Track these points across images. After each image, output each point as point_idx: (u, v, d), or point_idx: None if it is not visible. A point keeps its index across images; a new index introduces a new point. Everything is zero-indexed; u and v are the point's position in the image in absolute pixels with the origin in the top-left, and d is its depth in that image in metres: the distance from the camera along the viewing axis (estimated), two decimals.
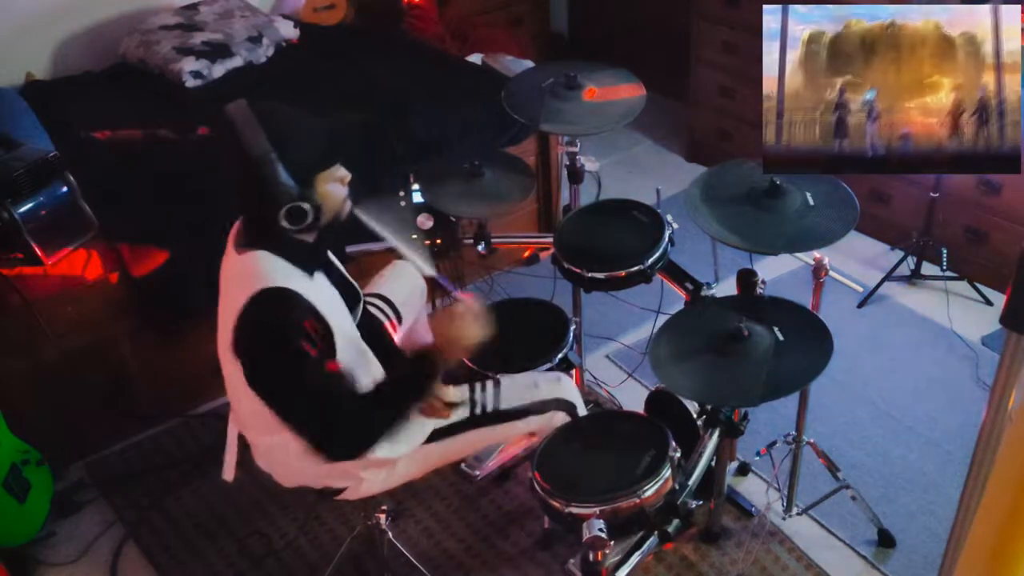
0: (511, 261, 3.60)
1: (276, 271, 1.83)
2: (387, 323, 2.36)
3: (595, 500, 1.94)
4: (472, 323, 1.91)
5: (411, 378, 1.93)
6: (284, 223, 1.82)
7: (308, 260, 1.92)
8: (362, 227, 2.02)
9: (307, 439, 1.86)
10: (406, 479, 2.17)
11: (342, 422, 1.83)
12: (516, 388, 2.19)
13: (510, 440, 2.44)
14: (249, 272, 1.83)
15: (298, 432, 1.86)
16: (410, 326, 2.47)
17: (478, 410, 2.15)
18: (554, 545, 2.57)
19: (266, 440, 2.01)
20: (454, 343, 1.91)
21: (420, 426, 2.10)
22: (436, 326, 1.94)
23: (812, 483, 2.61)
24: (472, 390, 2.17)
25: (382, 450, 1.96)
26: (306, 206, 1.82)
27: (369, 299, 2.36)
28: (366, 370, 2.00)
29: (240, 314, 1.80)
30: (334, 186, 1.89)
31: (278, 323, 1.80)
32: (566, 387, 2.24)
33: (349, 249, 2.61)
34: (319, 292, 1.91)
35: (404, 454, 2.08)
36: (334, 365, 1.85)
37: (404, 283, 2.46)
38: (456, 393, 2.13)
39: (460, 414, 2.14)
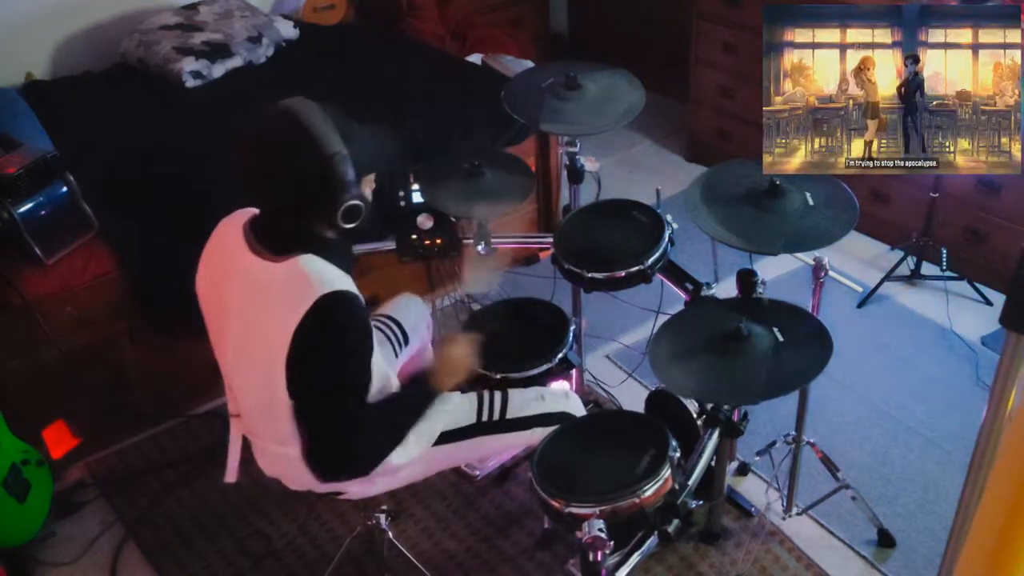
0: (511, 261, 3.60)
1: (334, 276, 1.82)
2: (392, 343, 2.38)
3: (595, 500, 1.94)
4: (471, 353, 1.99)
5: (413, 399, 1.96)
6: (340, 222, 1.81)
7: (349, 264, 1.92)
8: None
9: (315, 449, 1.87)
10: (409, 481, 2.18)
11: (351, 443, 1.85)
12: (523, 400, 2.21)
13: (513, 449, 2.45)
14: (302, 278, 1.79)
15: (311, 439, 1.87)
16: (413, 356, 2.48)
17: (484, 417, 2.16)
18: (554, 545, 2.58)
19: (280, 450, 1.98)
20: (454, 369, 1.96)
21: (430, 427, 2.10)
22: (441, 350, 1.98)
23: (812, 483, 2.61)
24: (480, 397, 2.19)
25: (396, 456, 1.98)
26: (361, 204, 1.82)
27: (379, 318, 2.39)
28: (384, 385, 2.00)
29: (305, 319, 1.75)
30: (367, 188, 1.90)
31: (352, 327, 1.81)
32: (572, 403, 2.26)
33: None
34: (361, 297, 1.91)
35: (415, 457, 2.08)
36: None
37: (413, 312, 2.49)
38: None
39: (467, 419, 2.16)
